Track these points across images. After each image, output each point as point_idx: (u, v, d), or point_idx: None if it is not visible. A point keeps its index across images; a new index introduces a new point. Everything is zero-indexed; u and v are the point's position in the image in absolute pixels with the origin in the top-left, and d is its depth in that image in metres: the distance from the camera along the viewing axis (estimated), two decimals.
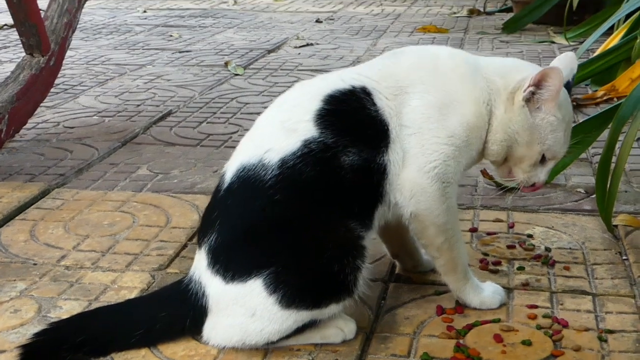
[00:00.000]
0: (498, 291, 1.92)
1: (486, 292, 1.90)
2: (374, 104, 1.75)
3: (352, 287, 1.69)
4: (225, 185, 1.74)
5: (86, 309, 1.91)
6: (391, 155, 1.74)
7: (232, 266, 1.68)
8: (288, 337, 1.72)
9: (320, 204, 1.68)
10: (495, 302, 1.89)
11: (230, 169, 1.75)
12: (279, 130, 1.73)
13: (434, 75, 1.82)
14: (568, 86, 1.91)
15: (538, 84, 1.77)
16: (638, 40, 2.86)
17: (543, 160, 1.86)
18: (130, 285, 2.04)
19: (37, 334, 1.71)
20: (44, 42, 3.08)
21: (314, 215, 1.67)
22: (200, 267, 1.74)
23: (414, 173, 1.75)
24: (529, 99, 1.79)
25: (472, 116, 1.79)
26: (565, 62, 1.92)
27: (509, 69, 1.86)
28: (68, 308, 1.92)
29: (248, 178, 1.70)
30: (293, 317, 1.68)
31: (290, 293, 1.66)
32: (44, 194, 2.67)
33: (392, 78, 1.80)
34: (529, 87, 1.78)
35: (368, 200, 1.74)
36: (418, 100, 1.78)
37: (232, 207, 1.71)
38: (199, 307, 1.73)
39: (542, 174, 1.88)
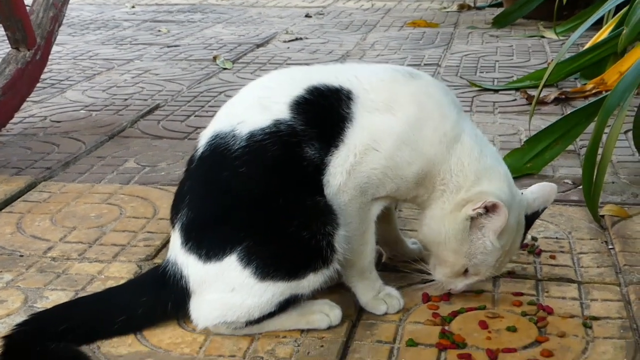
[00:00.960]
0: (391, 298, 1.87)
1: (378, 296, 1.85)
2: (349, 108, 1.75)
3: (327, 254, 1.69)
4: (198, 154, 1.77)
5: (74, 298, 1.91)
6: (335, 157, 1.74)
7: (205, 244, 1.71)
8: (271, 315, 1.73)
9: (284, 181, 1.70)
10: (382, 309, 1.84)
11: (205, 137, 1.79)
12: (255, 105, 1.76)
13: (429, 119, 1.77)
14: (535, 216, 1.89)
15: (487, 209, 1.73)
16: (624, 32, 2.86)
17: (466, 271, 1.82)
18: (117, 275, 2.04)
19: (19, 325, 1.71)
20: (30, 36, 3.07)
21: (278, 191, 1.69)
22: (175, 247, 1.76)
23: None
24: (474, 218, 1.75)
25: (419, 173, 1.77)
26: (542, 193, 1.88)
27: (484, 175, 1.78)
28: (54, 298, 1.92)
29: (218, 146, 1.73)
30: (271, 289, 1.69)
31: (264, 264, 1.67)
32: (30, 187, 2.66)
33: (386, 93, 1.78)
34: (478, 208, 1.73)
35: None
36: (392, 120, 1.75)
37: (201, 179, 1.74)
38: (179, 289, 1.74)
39: (460, 285, 1.84)
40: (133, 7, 6.94)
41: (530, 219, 1.87)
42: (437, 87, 1.86)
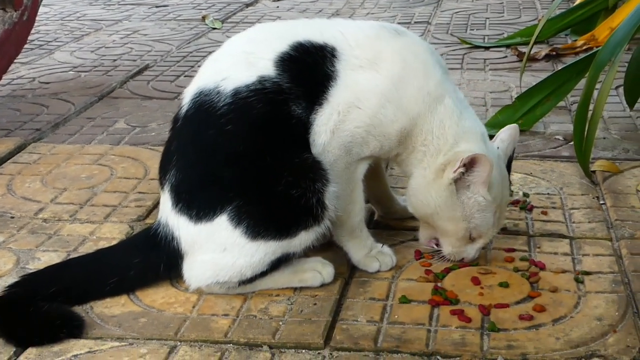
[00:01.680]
0: (383, 256, 1.87)
1: (371, 253, 1.85)
2: (334, 66, 1.74)
3: (317, 212, 1.69)
4: (183, 112, 1.76)
5: (65, 259, 1.91)
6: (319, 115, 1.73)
7: (195, 204, 1.70)
8: (263, 274, 1.73)
9: (271, 139, 1.69)
10: (374, 266, 1.84)
11: (189, 94, 1.77)
12: (240, 61, 1.75)
13: (413, 77, 1.77)
14: (510, 161, 1.88)
15: (467, 166, 1.72)
16: None
17: (472, 237, 1.82)
18: (109, 236, 2.03)
19: (11, 286, 1.72)
20: None
21: (265, 149, 1.68)
22: (165, 209, 1.76)
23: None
24: (458, 178, 1.74)
25: (402, 131, 1.76)
26: (509, 137, 1.87)
27: (461, 138, 1.77)
28: (46, 259, 1.92)
29: (203, 104, 1.72)
30: (262, 249, 1.69)
31: (254, 223, 1.67)
32: (20, 148, 2.65)
33: (371, 50, 1.77)
34: (458, 168, 1.72)
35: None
36: (376, 78, 1.75)
37: (187, 138, 1.73)
38: (171, 250, 1.74)
39: (472, 251, 1.82)
40: None
41: (508, 164, 1.88)
42: (422, 45, 1.85)
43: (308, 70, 1.74)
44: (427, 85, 1.77)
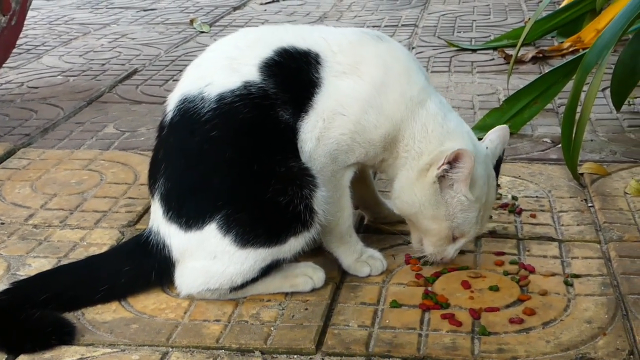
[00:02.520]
0: (373, 260, 1.87)
1: (361, 258, 1.86)
2: (318, 73, 1.75)
3: (306, 218, 1.70)
4: (168, 119, 1.76)
5: (56, 266, 1.90)
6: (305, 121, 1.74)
7: (184, 212, 1.71)
8: (254, 280, 1.74)
9: (257, 145, 1.69)
10: (365, 271, 1.85)
11: (173, 101, 1.77)
12: (224, 67, 1.75)
13: (395, 82, 1.77)
14: (499, 162, 1.88)
15: (451, 163, 1.71)
16: None
17: (454, 236, 1.81)
18: (99, 242, 2.03)
19: (1, 293, 1.71)
20: (5, 2, 3.04)
21: (251, 155, 1.68)
22: (156, 217, 1.76)
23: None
24: (442, 176, 1.73)
25: (385, 136, 1.77)
26: (499, 138, 1.87)
27: (446, 138, 1.77)
28: (37, 266, 1.92)
29: (187, 110, 1.72)
30: (252, 256, 1.70)
31: (243, 231, 1.68)
32: (9, 154, 2.65)
33: (353, 56, 1.78)
34: (442, 165, 1.72)
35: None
36: (358, 83, 1.76)
37: (173, 146, 1.73)
38: (162, 258, 1.75)
39: (451, 250, 1.82)
40: None
41: (497, 165, 1.87)
42: (404, 52, 1.86)
43: (293, 76, 1.75)
44: (410, 90, 1.77)
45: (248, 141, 1.69)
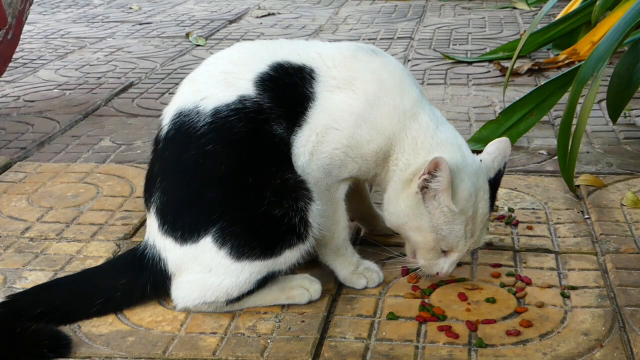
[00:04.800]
0: (370, 272, 1.87)
1: (357, 270, 1.86)
2: (312, 87, 1.75)
3: (301, 230, 1.70)
4: (163, 133, 1.76)
5: (52, 279, 1.90)
6: (299, 135, 1.75)
7: (179, 226, 1.71)
8: (251, 293, 1.74)
9: (252, 158, 1.69)
10: (362, 283, 1.85)
11: (168, 115, 1.77)
12: (219, 81, 1.75)
13: (389, 97, 1.77)
14: (499, 175, 1.84)
15: (431, 172, 1.69)
16: (597, 3, 2.87)
17: (443, 250, 1.79)
18: (95, 254, 2.03)
19: None
20: (1, 16, 3.04)
21: (246, 168, 1.69)
22: (152, 230, 1.76)
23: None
24: (425, 187, 1.71)
25: (377, 151, 1.77)
26: (499, 150, 1.83)
27: (435, 149, 1.75)
28: (33, 278, 1.91)
29: (182, 124, 1.72)
30: (248, 269, 1.70)
31: (239, 244, 1.68)
32: (5, 167, 2.64)
33: (347, 70, 1.78)
34: (422, 175, 1.70)
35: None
36: (352, 97, 1.76)
37: (169, 160, 1.73)
38: (158, 272, 1.75)
39: (445, 264, 1.79)
40: None
41: (496, 178, 1.83)
42: (398, 66, 1.86)
43: (287, 91, 1.75)
44: (403, 105, 1.77)
45: (243, 155, 1.69)
